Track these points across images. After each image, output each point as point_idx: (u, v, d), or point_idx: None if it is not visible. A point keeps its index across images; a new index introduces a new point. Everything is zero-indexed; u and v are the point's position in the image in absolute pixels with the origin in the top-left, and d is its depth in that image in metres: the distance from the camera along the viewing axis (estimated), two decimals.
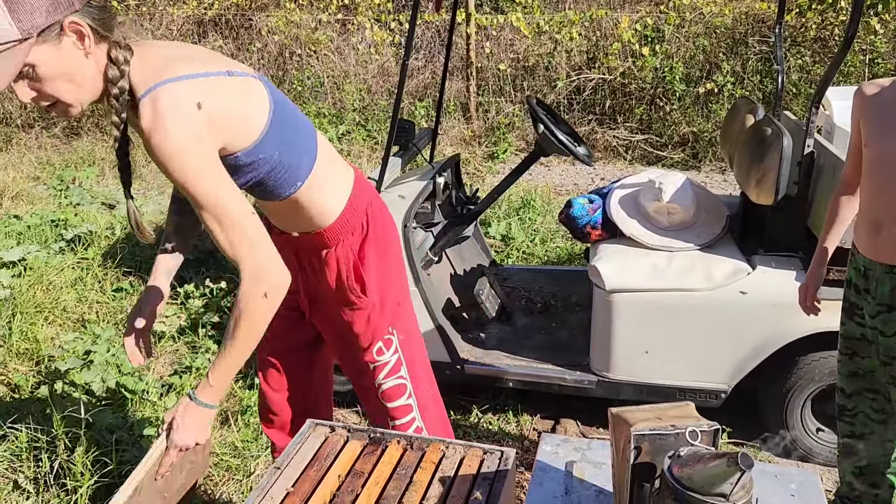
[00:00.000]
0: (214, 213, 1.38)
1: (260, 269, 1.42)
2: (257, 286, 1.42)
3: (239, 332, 1.43)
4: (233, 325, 1.43)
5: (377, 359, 1.79)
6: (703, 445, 1.07)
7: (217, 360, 1.46)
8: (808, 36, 6.34)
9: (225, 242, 1.41)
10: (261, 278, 1.42)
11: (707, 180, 5.83)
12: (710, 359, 2.55)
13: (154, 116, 1.30)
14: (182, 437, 1.46)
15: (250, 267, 1.42)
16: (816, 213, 2.46)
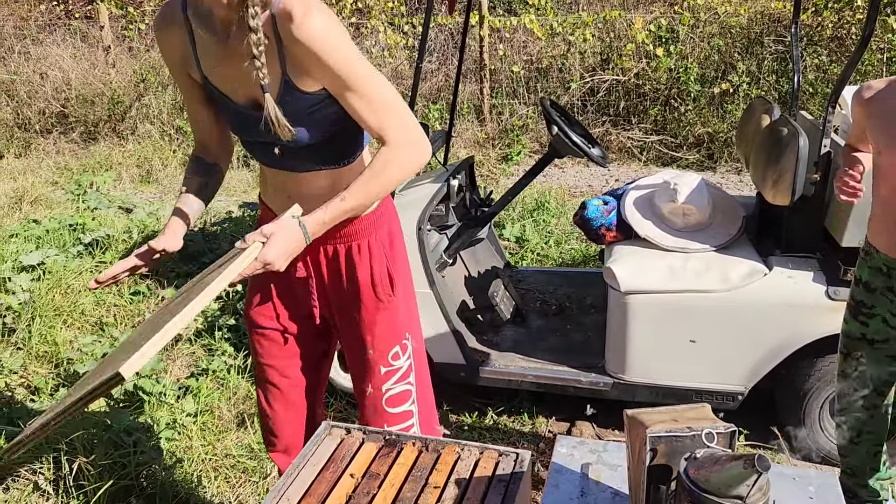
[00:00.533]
0: (365, 91, 1.43)
1: (410, 139, 1.48)
2: (406, 149, 1.48)
3: (373, 182, 1.47)
4: (368, 175, 1.47)
5: (392, 363, 1.75)
6: (719, 447, 1.07)
7: (337, 201, 1.47)
8: (824, 35, 6.29)
9: (373, 120, 1.45)
10: (412, 145, 1.48)
11: (723, 181, 5.80)
12: (727, 361, 2.53)
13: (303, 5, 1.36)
14: (275, 255, 1.42)
15: (398, 136, 1.47)
16: (833, 213, 2.44)
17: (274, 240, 1.42)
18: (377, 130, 1.47)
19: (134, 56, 7.33)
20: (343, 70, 1.40)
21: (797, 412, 2.55)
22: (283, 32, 1.38)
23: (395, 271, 1.71)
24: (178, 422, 2.77)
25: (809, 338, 2.43)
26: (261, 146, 1.58)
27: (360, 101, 1.45)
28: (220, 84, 1.51)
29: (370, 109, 1.45)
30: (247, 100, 1.50)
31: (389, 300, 1.71)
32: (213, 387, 3.03)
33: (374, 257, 1.68)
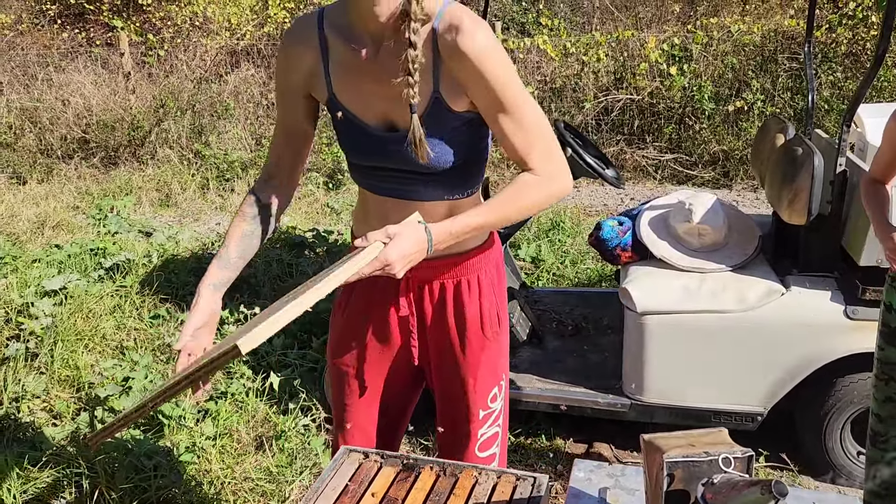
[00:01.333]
0: (519, 115, 1.38)
1: (555, 170, 1.43)
2: (549, 179, 1.43)
3: (510, 204, 1.41)
4: (506, 196, 1.41)
5: (490, 406, 1.66)
6: (736, 472, 1.07)
7: (467, 215, 1.40)
8: (839, 52, 6.28)
9: (531, 149, 1.41)
10: (556, 175, 1.43)
11: (739, 199, 5.78)
12: (745, 381, 2.52)
13: (470, 17, 1.32)
14: (396, 255, 1.32)
15: (543, 165, 1.42)
16: (851, 232, 2.43)
17: (398, 240, 1.32)
18: (523, 156, 1.42)
19: (153, 82, 7.46)
20: (503, 89, 1.36)
21: (818, 433, 2.53)
22: (445, 46, 1.33)
23: (502, 308, 1.64)
24: (197, 445, 2.79)
25: (828, 357, 2.41)
26: (378, 171, 1.49)
27: (512, 125, 1.39)
28: (351, 103, 1.44)
29: (521, 134, 1.40)
30: (378, 120, 1.44)
31: (495, 338, 1.63)
32: (232, 410, 3.05)
33: (483, 294, 1.59)
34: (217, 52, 7.67)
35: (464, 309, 1.59)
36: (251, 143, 6.76)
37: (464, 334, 1.60)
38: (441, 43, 1.34)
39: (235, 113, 6.98)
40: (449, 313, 1.60)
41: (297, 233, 4.77)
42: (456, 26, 1.32)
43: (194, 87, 7.19)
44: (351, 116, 1.45)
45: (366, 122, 1.44)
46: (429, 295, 1.59)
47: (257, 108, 7.11)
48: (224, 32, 7.80)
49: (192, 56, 7.58)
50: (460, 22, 1.32)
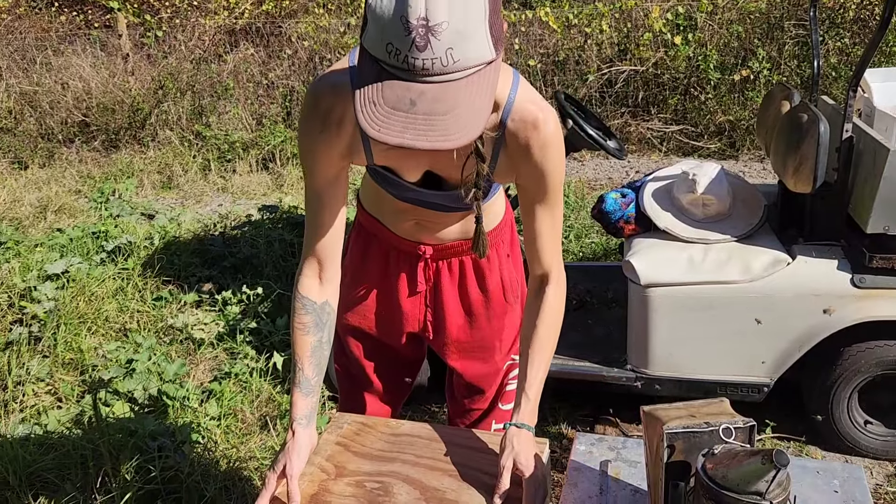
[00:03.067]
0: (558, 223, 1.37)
1: (563, 276, 1.42)
2: (563, 293, 1.41)
3: (552, 340, 1.40)
4: (544, 333, 1.38)
5: (514, 358, 1.66)
6: (737, 443, 1.04)
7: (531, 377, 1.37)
8: (847, 17, 6.16)
9: (553, 252, 1.39)
10: (564, 285, 1.43)
11: (746, 169, 5.71)
12: (751, 352, 2.49)
13: (541, 108, 1.25)
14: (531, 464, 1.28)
15: (559, 274, 1.41)
16: (857, 199, 2.38)
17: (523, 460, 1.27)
18: (540, 248, 1.38)
19: (152, 63, 7.40)
20: (552, 179, 1.31)
21: (825, 403, 2.50)
22: (514, 137, 1.27)
23: (521, 274, 1.63)
24: (201, 426, 2.79)
25: (836, 327, 2.38)
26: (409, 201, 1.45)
27: (546, 212, 1.35)
28: (394, 163, 1.35)
29: (549, 222, 1.36)
30: (418, 180, 1.38)
31: (517, 302, 1.63)
32: (236, 390, 3.04)
33: (502, 264, 1.60)
34: (215, 31, 7.60)
35: (485, 281, 1.58)
36: (251, 123, 6.72)
37: (487, 304, 1.60)
38: (510, 132, 1.27)
39: (235, 93, 6.93)
40: (470, 286, 1.59)
41: (299, 212, 4.74)
42: (532, 122, 1.25)
43: (193, 68, 7.13)
44: (389, 176, 1.38)
45: (405, 180, 1.37)
46: (447, 270, 1.58)
47: (257, 88, 7.05)
48: (222, 12, 7.72)
49: (190, 36, 7.51)
50: (535, 118, 1.25)
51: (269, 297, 3.70)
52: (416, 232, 1.53)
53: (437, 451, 1.38)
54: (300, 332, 1.38)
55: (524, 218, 1.39)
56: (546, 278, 1.41)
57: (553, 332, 1.41)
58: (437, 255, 1.55)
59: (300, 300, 1.39)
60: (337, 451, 1.42)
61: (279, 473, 1.30)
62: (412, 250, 1.55)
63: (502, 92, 1.24)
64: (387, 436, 1.44)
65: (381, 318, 1.65)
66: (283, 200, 5.03)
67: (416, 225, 1.51)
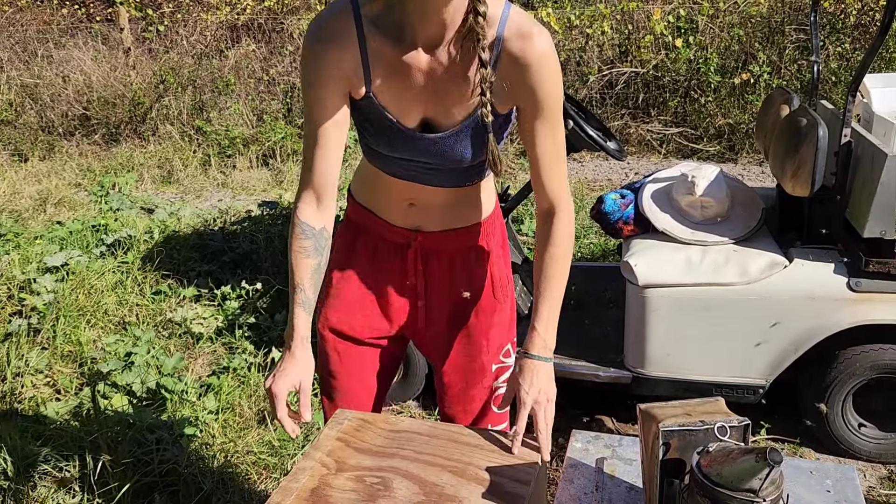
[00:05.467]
0: (561, 147, 1.38)
1: (571, 206, 1.45)
2: (571, 227, 1.44)
3: (561, 271, 1.43)
4: (554, 266, 1.42)
5: (503, 361, 1.65)
6: (732, 441, 1.06)
7: (542, 309, 1.41)
8: (847, 23, 6.18)
9: (560, 181, 1.41)
10: (573, 215, 1.45)
11: (745, 172, 5.73)
12: (747, 354, 2.51)
13: (535, 24, 1.28)
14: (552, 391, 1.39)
15: (567, 205, 1.43)
16: (855, 203, 2.40)
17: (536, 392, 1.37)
18: (546, 176, 1.40)
19: (153, 57, 7.41)
20: (552, 96, 1.32)
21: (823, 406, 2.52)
22: (510, 53, 1.29)
23: (510, 271, 1.65)
24: (199, 419, 2.80)
25: (831, 330, 2.39)
26: (403, 162, 1.44)
27: (548, 132, 1.36)
28: (389, 104, 1.36)
29: (552, 143, 1.37)
30: (416, 122, 1.38)
31: (506, 300, 1.62)
32: (234, 384, 3.05)
33: (492, 260, 1.60)
34: (217, 27, 7.60)
35: (474, 276, 1.58)
36: (252, 119, 6.72)
37: (476, 300, 1.59)
38: (506, 45, 1.29)
39: (236, 88, 6.93)
40: (459, 281, 1.59)
41: None
42: (526, 34, 1.28)
43: (195, 63, 7.14)
44: (388, 117, 1.38)
45: (403, 124, 1.38)
46: (437, 264, 1.58)
47: (258, 84, 7.06)
48: (224, 7, 7.72)
49: (191, 31, 7.51)
50: (529, 30, 1.28)
51: (268, 292, 3.71)
52: (409, 216, 1.52)
53: (437, 447, 1.39)
54: (300, 255, 1.43)
55: (528, 148, 1.40)
56: (553, 210, 1.43)
57: (561, 263, 1.43)
58: (429, 245, 1.55)
59: (300, 226, 1.43)
60: (337, 446, 1.43)
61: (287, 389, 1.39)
62: (403, 240, 1.55)
63: (496, 9, 1.28)
64: (387, 432, 1.45)
65: (364, 316, 1.63)
66: (283, 197, 5.05)
67: (410, 207, 1.51)
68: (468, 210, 1.54)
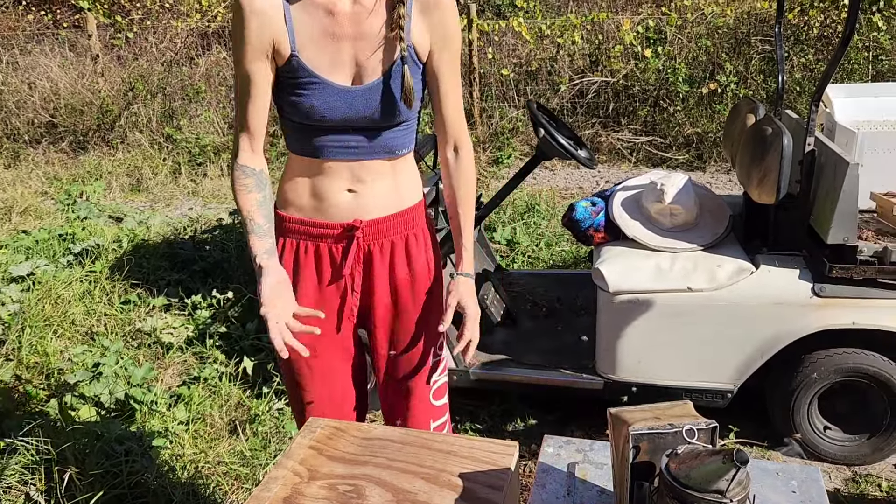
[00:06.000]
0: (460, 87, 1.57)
1: (471, 143, 1.64)
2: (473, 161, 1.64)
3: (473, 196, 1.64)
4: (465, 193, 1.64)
5: (438, 353, 1.72)
6: (700, 443, 1.08)
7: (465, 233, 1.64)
8: (811, 34, 6.33)
9: (462, 118, 1.59)
10: (472, 151, 1.64)
11: (712, 180, 5.83)
12: (716, 359, 2.54)
13: None
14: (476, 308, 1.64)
15: (468, 141, 1.63)
16: (819, 211, 2.45)
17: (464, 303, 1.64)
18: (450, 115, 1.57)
19: (122, 64, 7.33)
20: (456, 42, 1.52)
21: (786, 409, 2.56)
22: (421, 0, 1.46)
23: (440, 256, 1.73)
24: (169, 430, 2.77)
25: (797, 335, 2.44)
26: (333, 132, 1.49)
27: (454, 79, 1.54)
28: (313, 61, 1.44)
29: (455, 90, 1.56)
30: (343, 77, 1.46)
31: (438, 288, 1.69)
32: (205, 394, 3.02)
33: (427, 245, 1.66)
34: (188, 34, 7.54)
35: (413, 262, 1.64)
36: (223, 127, 6.68)
37: (413, 284, 1.65)
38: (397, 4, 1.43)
39: (207, 96, 6.88)
40: (399, 266, 1.63)
41: None
42: None
43: (164, 71, 7.08)
44: (317, 75, 1.44)
45: (330, 80, 1.45)
46: (378, 251, 1.61)
47: (230, 92, 7.01)
48: (195, 14, 7.66)
49: (161, 38, 7.45)
50: None
51: (239, 301, 3.68)
52: (350, 205, 1.55)
53: (410, 454, 1.39)
54: (244, 191, 1.53)
55: (437, 86, 1.55)
56: (458, 146, 1.62)
57: (472, 190, 1.65)
58: (371, 234, 1.58)
59: (240, 169, 1.53)
60: (310, 454, 1.42)
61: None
62: (345, 234, 1.56)
63: None
64: (359, 440, 1.45)
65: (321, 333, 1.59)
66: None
67: (350, 195, 1.54)
68: (403, 190, 1.60)
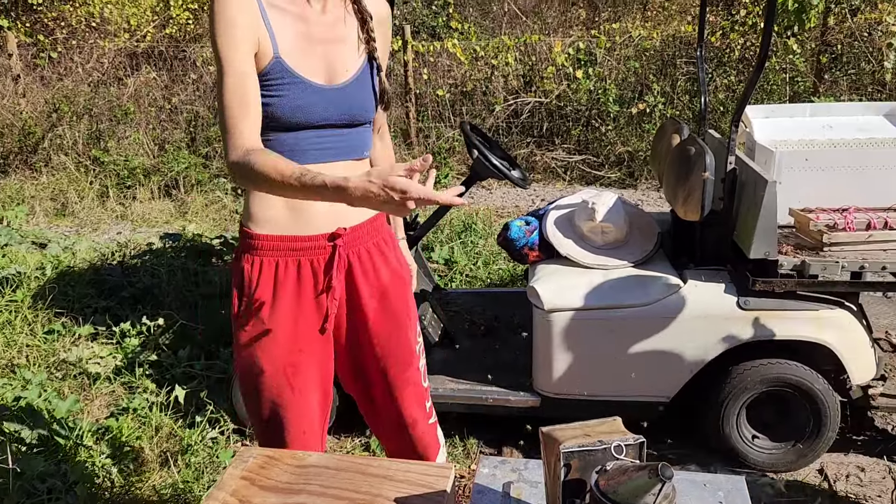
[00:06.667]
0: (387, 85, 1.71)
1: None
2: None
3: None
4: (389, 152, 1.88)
5: (419, 340, 1.80)
6: (628, 459, 1.10)
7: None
8: (732, 56, 6.61)
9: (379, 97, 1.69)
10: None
11: (644, 198, 5.99)
12: (648, 372, 2.60)
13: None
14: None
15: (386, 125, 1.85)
16: (741, 227, 2.55)
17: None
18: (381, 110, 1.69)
19: (46, 85, 7.09)
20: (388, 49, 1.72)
21: (716, 419, 2.64)
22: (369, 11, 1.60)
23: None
24: (97, 465, 2.66)
25: (724, 346, 2.52)
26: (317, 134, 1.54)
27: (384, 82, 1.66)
28: (295, 63, 1.50)
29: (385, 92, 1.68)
30: (322, 78, 1.54)
31: (410, 280, 1.78)
32: (135, 426, 2.92)
33: (395, 244, 1.77)
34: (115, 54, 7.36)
35: (388, 264, 1.71)
36: (153, 149, 6.52)
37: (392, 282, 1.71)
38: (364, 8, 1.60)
39: (136, 117, 6.72)
40: (380, 267, 1.69)
41: (203, 240, 4.62)
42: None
43: (91, 91, 6.88)
44: (298, 75, 1.51)
45: (310, 80, 1.52)
46: (357, 259, 1.65)
47: (160, 113, 6.86)
48: (123, 34, 7.49)
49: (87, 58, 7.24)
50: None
51: (170, 328, 3.58)
52: (332, 214, 1.56)
53: (344, 480, 1.37)
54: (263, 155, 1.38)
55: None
56: (383, 130, 1.82)
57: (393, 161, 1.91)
58: (350, 242, 1.61)
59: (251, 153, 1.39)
60: (242, 485, 1.39)
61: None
62: (326, 244, 1.58)
63: None
64: (293, 468, 1.43)
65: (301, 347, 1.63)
66: (187, 228, 4.90)
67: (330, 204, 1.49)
68: None
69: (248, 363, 1.63)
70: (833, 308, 2.48)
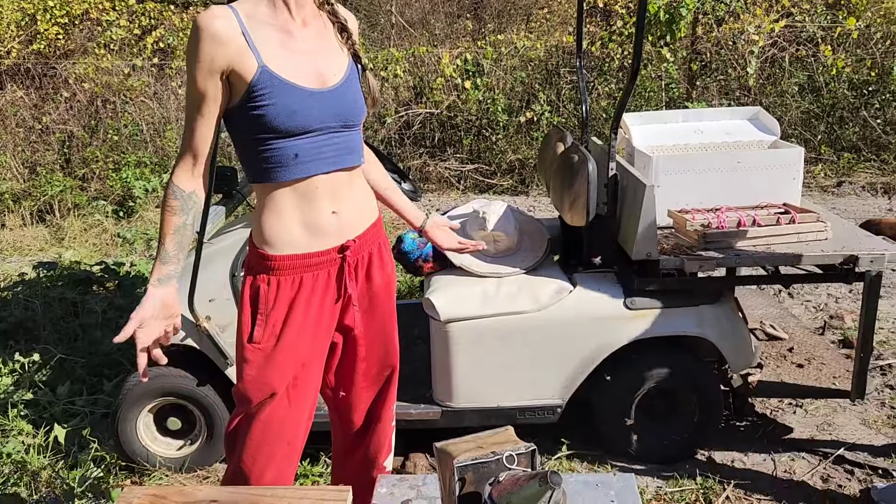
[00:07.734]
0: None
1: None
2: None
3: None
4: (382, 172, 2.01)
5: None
6: (519, 468, 1.11)
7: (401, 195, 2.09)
8: (612, 66, 6.90)
9: None
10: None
11: (536, 204, 6.14)
12: (543, 377, 2.65)
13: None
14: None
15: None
16: (624, 230, 2.65)
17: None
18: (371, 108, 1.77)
19: None
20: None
21: (613, 417, 2.72)
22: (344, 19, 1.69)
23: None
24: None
25: (614, 346, 2.60)
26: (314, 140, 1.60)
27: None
28: (281, 69, 1.55)
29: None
30: (313, 83, 1.59)
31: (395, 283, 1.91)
32: (10, 471, 2.70)
33: (387, 246, 1.87)
34: None
35: (385, 267, 1.83)
36: (23, 172, 6.11)
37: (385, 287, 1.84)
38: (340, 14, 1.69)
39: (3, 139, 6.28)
40: (376, 273, 1.80)
41: (82, 268, 4.36)
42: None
43: None
44: (287, 80, 1.55)
45: (300, 84, 1.57)
46: (365, 270, 1.78)
47: (29, 134, 6.44)
48: None
49: None
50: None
51: (47, 363, 3.35)
52: (337, 227, 1.68)
53: None
54: (168, 212, 1.59)
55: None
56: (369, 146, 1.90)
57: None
58: (359, 251, 1.74)
59: (171, 187, 1.59)
60: None
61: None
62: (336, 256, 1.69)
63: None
64: None
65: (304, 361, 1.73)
66: (64, 255, 4.62)
67: (334, 217, 1.67)
68: (370, 200, 1.81)
69: (255, 382, 1.69)
70: (711, 303, 2.61)
